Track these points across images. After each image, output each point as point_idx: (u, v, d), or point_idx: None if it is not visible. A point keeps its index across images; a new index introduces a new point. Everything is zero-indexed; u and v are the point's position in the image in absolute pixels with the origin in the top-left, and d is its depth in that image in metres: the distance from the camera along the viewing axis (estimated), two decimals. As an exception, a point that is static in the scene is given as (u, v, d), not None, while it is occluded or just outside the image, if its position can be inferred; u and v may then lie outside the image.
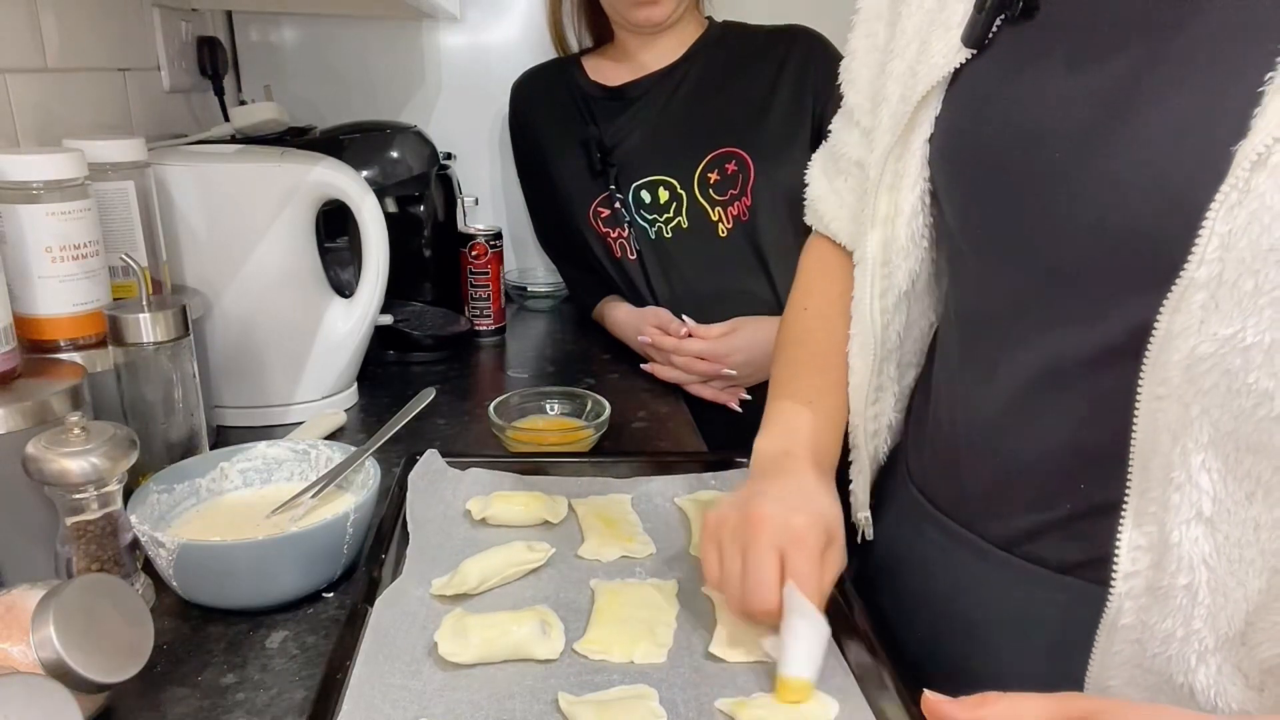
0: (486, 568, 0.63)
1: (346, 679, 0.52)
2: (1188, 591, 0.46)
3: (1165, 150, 0.45)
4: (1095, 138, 0.48)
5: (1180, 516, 0.46)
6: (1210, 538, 0.46)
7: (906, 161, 0.59)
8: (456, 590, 0.62)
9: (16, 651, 0.46)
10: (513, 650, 0.56)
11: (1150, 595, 0.48)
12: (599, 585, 0.63)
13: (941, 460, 0.63)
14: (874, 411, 0.68)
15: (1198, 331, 0.43)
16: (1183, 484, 0.45)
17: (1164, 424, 0.46)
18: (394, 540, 0.67)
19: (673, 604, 0.62)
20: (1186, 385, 0.44)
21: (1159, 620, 0.48)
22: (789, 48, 1.17)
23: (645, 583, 0.64)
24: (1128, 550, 0.48)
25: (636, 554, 0.68)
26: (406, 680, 0.53)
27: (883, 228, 0.62)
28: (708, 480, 0.79)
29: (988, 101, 0.54)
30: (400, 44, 1.46)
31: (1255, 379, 0.42)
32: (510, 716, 0.51)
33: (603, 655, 0.56)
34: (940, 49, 0.56)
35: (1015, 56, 0.53)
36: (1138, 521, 0.48)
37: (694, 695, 0.53)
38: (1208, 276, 0.43)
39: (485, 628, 0.56)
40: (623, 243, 1.19)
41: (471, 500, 0.73)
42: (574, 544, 0.69)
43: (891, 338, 0.65)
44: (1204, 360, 0.43)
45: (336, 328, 0.96)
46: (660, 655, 0.56)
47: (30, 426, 0.60)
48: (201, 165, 0.88)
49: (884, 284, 0.63)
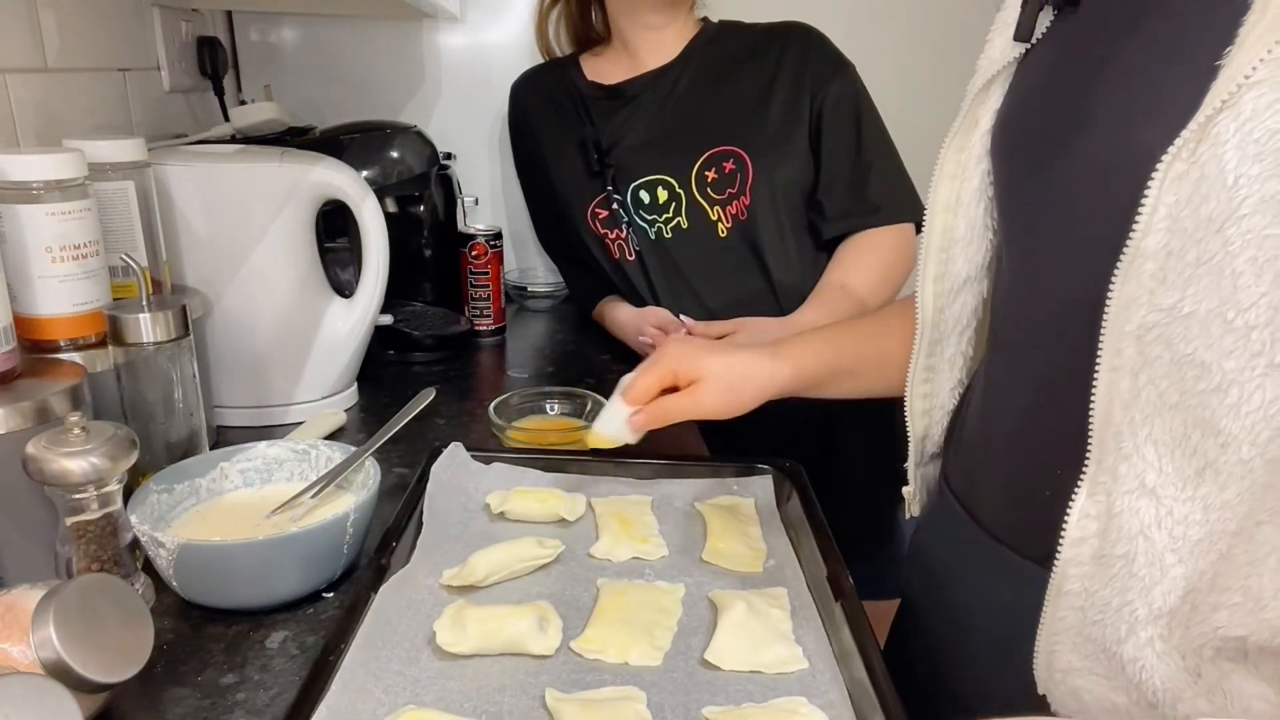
0: (494, 561, 0.63)
1: (339, 662, 0.52)
2: (1124, 561, 0.47)
3: (1134, 122, 0.46)
4: (1094, 122, 0.49)
5: (1125, 486, 0.47)
6: (1153, 510, 0.46)
7: (968, 153, 0.61)
8: (464, 582, 0.62)
9: (16, 651, 0.46)
10: (508, 644, 0.56)
11: (1095, 563, 0.49)
12: (604, 584, 0.63)
13: (960, 459, 0.64)
14: (924, 390, 0.69)
15: (1148, 302, 0.44)
16: (1130, 454, 0.46)
17: (1117, 395, 0.46)
18: (407, 530, 0.67)
19: (676, 608, 0.61)
20: (1137, 355, 0.45)
21: (1099, 588, 0.48)
22: (786, 45, 1.17)
23: (652, 585, 0.64)
24: (1077, 518, 0.49)
25: (648, 555, 0.68)
26: (403, 666, 0.54)
27: (944, 215, 0.63)
28: (730, 485, 0.78)
29: (1031, 94, 0.56)
30: (400, 44, 1.46)
31: (1194, 349, 0.43)
32: (497, 709, 0.51)
33: (598, 654, 0.56)
34: (999, 45, 0.58)
35: (1061, 49, 0.54)
36: (1091, 491, 0.48)
37: (683, 701, 0.53)
38: (1156, 246, 0.43)
39: (483, 620, 0.56)
40: (621, 244, 1.19)
41: (492, 494, 0.74)
42: (588, 542, 0.69)
43: (947, 321, 0.66)
44: (1151, 330, 0.44)
45: (336, 328, 0.96)
46: (655, 658, 0.56)
47: (30, 426, 0.60)
48: (201, 165, 0.88)
49: (940, 269, 0.65)
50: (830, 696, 0.53)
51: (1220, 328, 0.42)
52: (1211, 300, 0.42)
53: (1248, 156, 0.40)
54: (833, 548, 0.66)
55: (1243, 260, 0.40)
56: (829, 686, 0.54)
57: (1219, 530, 0.44)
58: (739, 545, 0.69)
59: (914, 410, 0.69)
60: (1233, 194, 0.40)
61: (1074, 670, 0.51)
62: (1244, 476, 0.43)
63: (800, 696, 0.53)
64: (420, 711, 0.50)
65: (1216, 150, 0.40)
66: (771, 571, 0.66)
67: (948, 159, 0.62)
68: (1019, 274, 0.57)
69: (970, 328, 0.67)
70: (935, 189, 0.63)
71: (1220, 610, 0.44)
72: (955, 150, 0.62)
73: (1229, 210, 0.40)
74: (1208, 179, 0.41)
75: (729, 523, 0.71)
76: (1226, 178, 0.40)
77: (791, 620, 0.60)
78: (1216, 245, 0.41)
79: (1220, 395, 0.42)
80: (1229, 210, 0.40)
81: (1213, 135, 0.41)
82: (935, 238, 0.64)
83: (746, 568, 0.67)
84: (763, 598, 0.62)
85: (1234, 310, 0.41)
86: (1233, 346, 0.42)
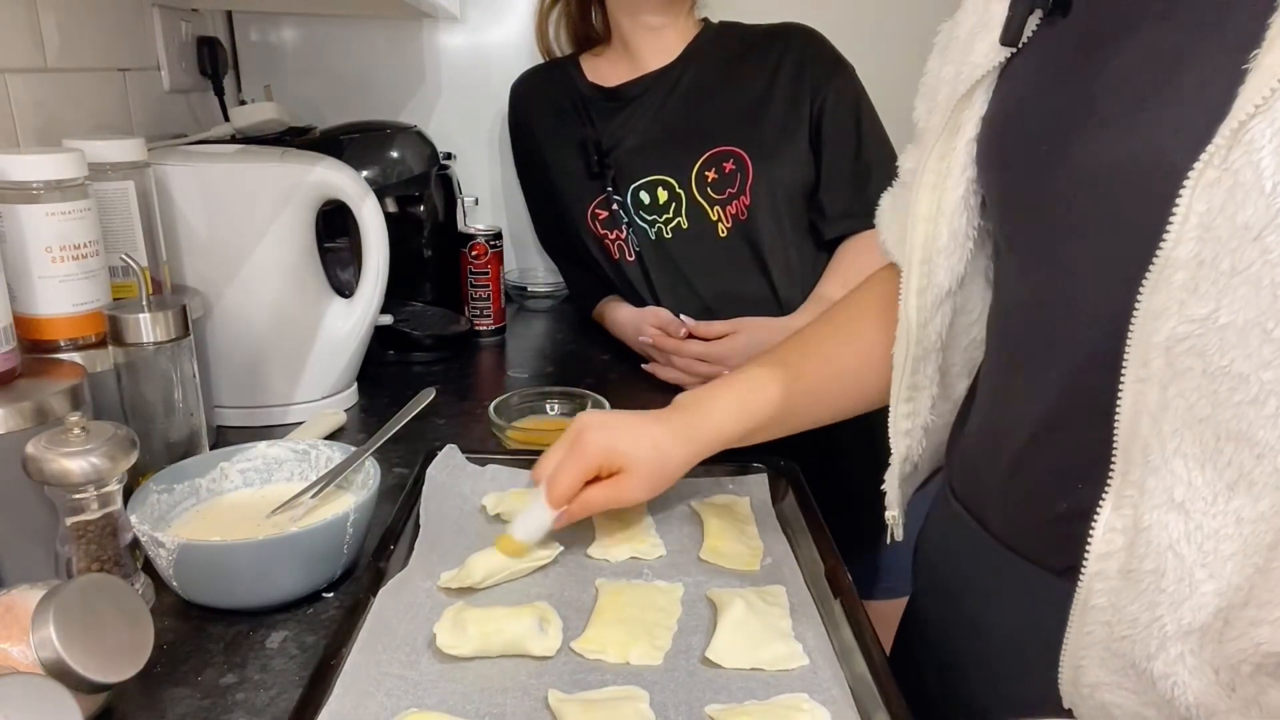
0: (492, 564, 0.63)
1: (340, 665, 0.52)
2: (1154, 576, 0.46)
3: (1153, 131, 0.45)
4: (1100, 127, 0.48)
5: (1153, 501, 0.46)
6: (1182, 524, 0.45)
7: (950, 161, 0.59)
8: (462, 584, 0.62)
9: (16, 651, 0.46)
10: (509, 645, 0.56)
11: (1122, 578, 0.48)
12: (603, 585, 0.63)
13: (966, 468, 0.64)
14: (907, 409, 0.67)
15: (1178, 313, 0.43)
16: (1158, 468, 0.45)
17: (1144, 407, 0.45)
18: (404, 533, 0.67)
19: (675, 608, 0.61)
20: (1166, 367, 0.44)
21: (1128, 603, 0.48)
22: (785, 45, 1.17)
23: (651, 584, 0.64)
24: (1103, 532, 0.48)
25: (646, 555, 0.68)
26: (404, 670, 0.54)
27: (924, 225, 0.62)
28: (725, 485, 0.78)
29: (1021, 99, 0.55)
30: (400, 44, 1.46)
31: (1230, 360, 0.42)
32: (500, 711, 0.51)
33: (598, 655, 0.56)
34: (982, 49, 0.57)
35: (1049, 54, 0.54)
36: (1117, 504, 0.48)
37: (685, 699, 0.53)
38: (1187, 255, 0.42)
39: (483, 622, 0.56)
40: (621, 244, 1.19)
41: (488, 496, 0.74)
42: (585, 542, 0.69)
43: (930, 336, 0.64)
44: (1182, 342, 0.43)
45: (336, 328, 0.96)
46: (656, 658, 0.56)
47: (30, 426, 0.60)
48: (201, 165, 0.88)
49: (923, 281, 0.63)
50: (832, 693, 0.53)
51: (1259, 338, 0.41)
52: (1250, 310, 0.41)
53: None
54: (830, 545, 0.66)
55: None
56: (830, 683, 0.54)
57: (1253, 544, 0.43)
58: (736, 544, 0.69)
59: (897, 430, 0.68)
60: (1271, 200, 0.39)
61: (1102, 685, 0.50)
62: (1279, 488, 0.42)
63: (802, 693, 0.53)
64: (423, 714, 0.50)
65: (1252, 156, 0.39)
66: (769, 569, 0.67)
67: (928, 168, 0.60)
68: (1026, 285, 0.56)
69: (959, 347, 0.66)
70: (915, 200, 0.62)
71: (1261, 625, 0.43)
72: (936, 158, 0.60)
73: (1268, 218, 0.39)
74: (1242, 186, 0.40)
75: (726, 522, 0.71)
76: (1264, 184, 0.39)
77: (790, 618, 0.60)
78: (1254, 254, 0.40)
79: (1258, 407, 0.42)
80: (1268, 218, 0.39)
81: (1246, 141, 0.40)
82: (917, 250, 0.62)
83: (744, 566, 0.67)
84: (761, 595, 0.62)
85: (1274, 320, 0.40)
86: (1272, 357, 0.41)
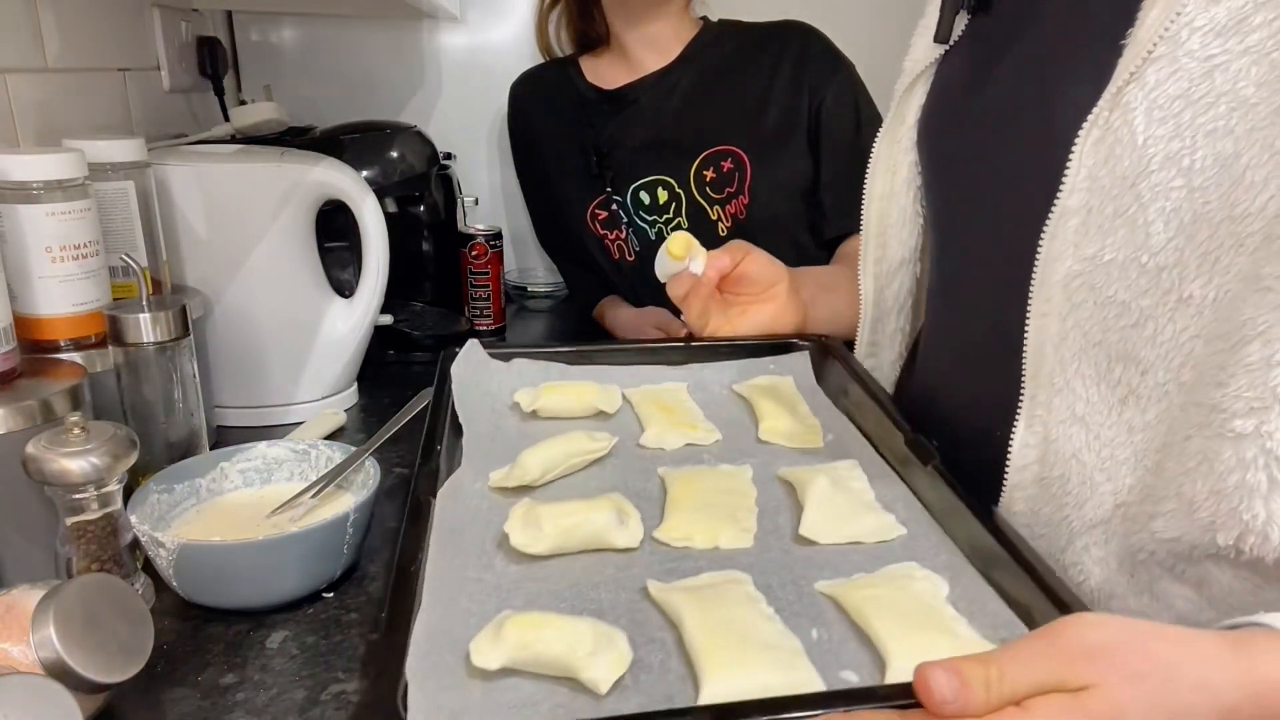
0: (547, 459, 0.60)
1: (421, 572, 0.47)
2: (1061, 481, 0.54)
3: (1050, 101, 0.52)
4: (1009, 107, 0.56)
5: (1058, 417, 0.53)
6: (1083, 436, 0.52)
7: (898, 146, 0.69)
8: (518, 482, 0.59)
9: (16, 651, 0.46)
10: (590, 539, 0.53)
11: (1036, 485, 0.55)
12: (668, 473, 0.61)
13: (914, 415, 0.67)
14: (869, 365, 0.77)
15: (1073, 254, 0.50)
16: (1061, 388, 0.53)
17: (1047, 337, 0.53)
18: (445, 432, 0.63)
19: (750, 489, 0.59)
20: (1064, 301, 0.51)
21: (1041, 506, 0.55)
22: (785, 44, 1.17)
23: (717, 469, 0.61)
24: (1019, 447, 0.55)
25: (702, 441, 0.66)
26: (480, 573, 0.50)
27: (879, 204, 0.71)
28: (767, 365, 0.75)
29: (951, 88, 0.63)
30: (400, 44, 1.46)
31: (1114, 291, 0.49)
32: (597, 607, 0.48)
33: (685, 542, 0.54)
34: (920, 46, 0.66)
35: (975, 46, 0.61)
36: (1029, 423, 0.55)
37: (790, 579, 0.50)
38: (1078, 204, 0.49)
39: (560, 517, 0.53)
40: (620, 244, 1.19)
41: (520, 392, 0.71)
42: (634, 434, 0.67)
43: (886, 300, 0.74)
44: (1076, 278, 0.50)
45: (336, 328, 0.96)
46: (746, 540, 0.54)
47: (30, 426, 0.60)
48: (201, 165, 0.88)
49: (879, 253, 0.73)
50: (940, 559, 0.51)
51: (1135, 270, 0.48)
52: (1128, 248, 0.48)
53: (1154, 120, 0.46)
54: (896, 415, 0.64)
55: (1153, 210, 0.46)
56: (937, 549, 0.52)
57: (1144, 449, 0.50)
58: (792, 423, 0.67)
59: None
60: (1142, 153, 0.46)
61: None
62: (1161, 399, 0.49)
63: (910, 562, 0.51)
64: (521, 616, 0.44)
65: (1127, 116, 0.47)
66: (833, 445, 0.65)
67: (880, 153, 0.69)
68: (951, 247, 0.64)
69: (907, 305, 0.74)
70: (870, 181, 0.72)
71: (1157, 518, 0.49)
72: (886, 144, 0.69)
73: (1140, 168, 0.46)
74: (1120, 142, 0.47)
75: (775, 402, 0.70)
76: (1137, 139, 0.46)
77: (873, 489, 0.58)
78: (1130, 199, 0.47)
79: (1139, 329, 0.49)
80: (1140, 168, 0.46)
81: (1123, 104, 0.47)
82: (872, 225, 0.72)
83: (807, 444, 0.65)
84: (836, 470, 0.60)
85: (1147, 254, 0.47)
86: (1147, 286, 0.48)
